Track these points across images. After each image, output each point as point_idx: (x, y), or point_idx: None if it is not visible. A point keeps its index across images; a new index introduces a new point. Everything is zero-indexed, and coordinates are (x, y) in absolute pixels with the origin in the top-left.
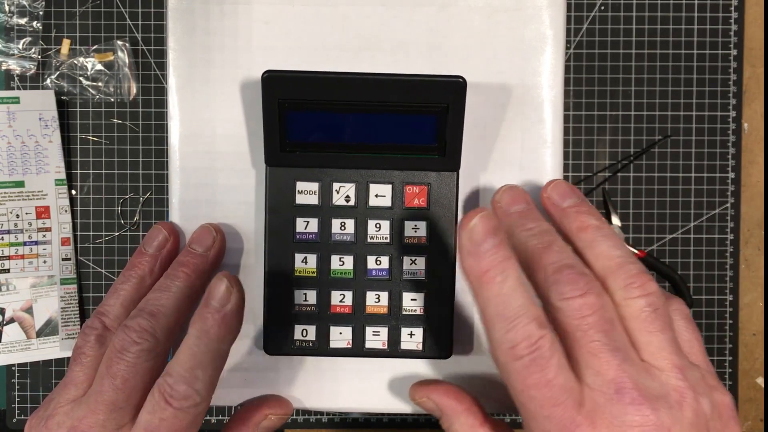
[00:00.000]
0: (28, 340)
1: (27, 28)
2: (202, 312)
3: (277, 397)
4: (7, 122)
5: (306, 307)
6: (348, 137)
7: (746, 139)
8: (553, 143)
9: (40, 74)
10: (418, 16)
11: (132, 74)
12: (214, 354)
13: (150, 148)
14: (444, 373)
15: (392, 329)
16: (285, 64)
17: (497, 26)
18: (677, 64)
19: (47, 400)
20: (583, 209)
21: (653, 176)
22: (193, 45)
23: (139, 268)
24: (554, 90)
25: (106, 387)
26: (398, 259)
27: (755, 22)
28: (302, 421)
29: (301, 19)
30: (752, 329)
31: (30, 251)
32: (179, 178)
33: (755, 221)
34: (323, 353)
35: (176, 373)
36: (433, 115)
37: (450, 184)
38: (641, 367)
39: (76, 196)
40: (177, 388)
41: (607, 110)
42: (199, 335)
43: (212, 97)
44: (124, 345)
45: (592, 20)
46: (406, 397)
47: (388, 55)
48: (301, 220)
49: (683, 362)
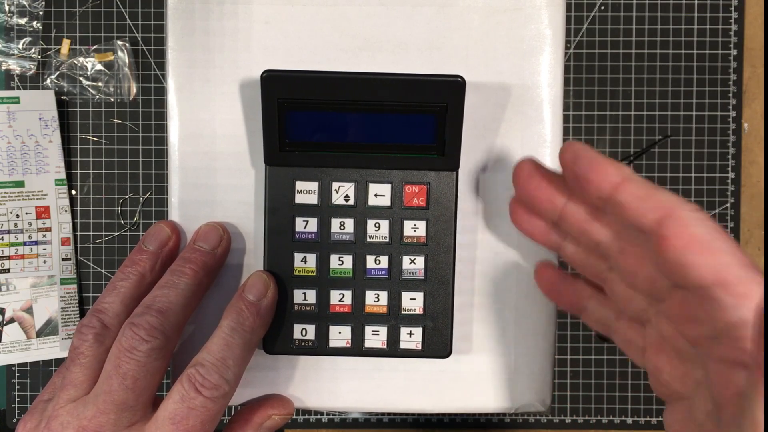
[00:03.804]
0: (28, 340)
1: (27, 28)
2: (237, 304)
3: (280, 397)
4: (7, 122)
5: (305, 307)
6: (347, 137)
7: (746, 139)
8: (552, 143)
9: (40, 74)
10: (417, 16)
11: (132, 74)
12: (247, 345)
13: (150, 148)
14: (443, 373)
15: (391, 328)
16: (285, 64)
17: (497, 26)
18: (677, 64)
19: (37, 402)
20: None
21: (653, 176)
22: (192, 45)
23: (140, 265)
24: (554, 90)
25: (115, 386)
26: (397, 258)
27: (755, 22)
28: (302, 421)
29: (301, 19)
30: None
31: (30, 251)
32: (179, 177)
33: (755, 221)
34: (323, 353)
35: (208, 362)
36: (432, 114)
37: (449, 183)
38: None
39: (76, 196)
40: (209, 378)
41: (607, 110)
42: (234, 326)
43: (212, 97)
44: (133, 343)
45: (592, 20)
46: (406, 397)
47: (388, 55)
48: (300, 220)
49: None
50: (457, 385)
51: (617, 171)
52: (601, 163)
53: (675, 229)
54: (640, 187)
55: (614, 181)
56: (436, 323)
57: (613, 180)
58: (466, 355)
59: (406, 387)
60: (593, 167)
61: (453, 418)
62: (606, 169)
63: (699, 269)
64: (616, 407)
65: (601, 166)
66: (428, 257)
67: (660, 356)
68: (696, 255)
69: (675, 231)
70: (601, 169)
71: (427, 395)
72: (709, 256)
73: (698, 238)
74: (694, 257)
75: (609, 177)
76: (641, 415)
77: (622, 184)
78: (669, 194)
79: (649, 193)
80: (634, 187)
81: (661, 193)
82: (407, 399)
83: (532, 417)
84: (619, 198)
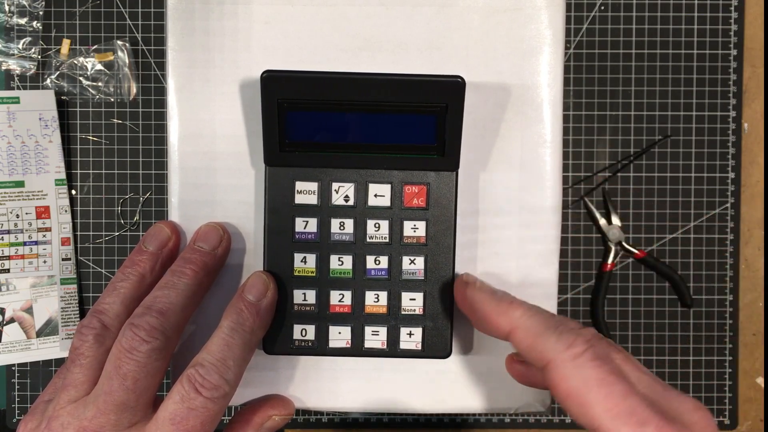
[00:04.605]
0: (28, 340)
1: (27, 28)
2: (237, 304)
3: (280, 397)
4: (7, 122)
5: (305, 307)
6: (347, 137)
7: (746, 139)
8: (552, 143)
9: (40, 74)
10: (417, 16)
11: (132, 74)
12: (246, 346)
13: (150, 148)
14: (443, 373)
15: (391, 329)
16: (284, 64)
17: (497, 26)
18: (677, 64)
19: (38, 402)
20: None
21: (653, 176)
22: (192, 45)
23: (140, 265)
24: (553, 90)
25: (116, 387)
26: (397, 258)
27: (755, 22)
28: (302, 421)
29: (300, 19)
30: (752, 329)
31: (30, 251)
32: (179, 178)
33: (755, 221)
34: (322, 353)
35: (208, 363)
36: (432, 114)
37: (449, 183)
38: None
39: (76, 196)
40: (209, 378)
41: (607, 110)
42: (234, 327)
43: (212, 97)
44: (133, 344)
45: (592, 20)
46: (406, 397)
47: (388, 55)
48: (300, 220)
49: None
50: (457, 385)
51: (508, 317)
52: (492, 309)
53: (554, 380)
54: (527, 335)
55: (507, 327)
56: (436, 323)
57: (506, 326)
58: (466, 355)
59: (406, 387)
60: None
61: (453, 418)
62: (498, 315)
63: (576, 416)
64: None
65: (493, 312)
66: (428, 257)
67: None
68: (572, 404)
69: (554, 382)
70: (494, 315)
71: (427, 395)
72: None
73: (572, 390)
74: (571, 406)
75: (501, 323)
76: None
77: (513, 331)
78: (552, 342)
79: (534, 342)
80: (522, 335)
81: (546, 341)
82: (407, 399)
83: (532, 417)
84: (513, 342)
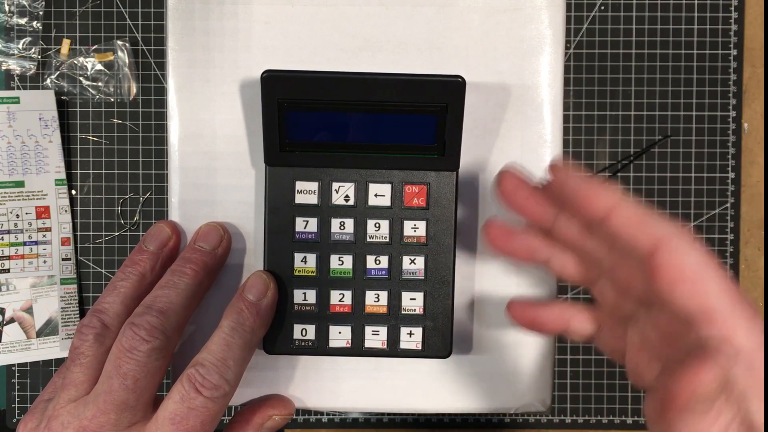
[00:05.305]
0: (28, 340)
1: (27, 28)
2: (237, 304)
3: (280, 397)
4: (7, 122)
5: (305, 307)
6: (347, 137)
7: (746, 139)
8: (552, 143)
9: (40, 74)
10: (417, 16)
11: (132, 74)
12: (247, 345)
13: (150, 148)
14: (443, 373)
15: (391, 329)
16: (285, 64)
17: (497, 26)
18: (677, 64)
19: (37, 402)
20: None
21: (653, 176)
22: (192, 45)
23: (140, 265)
24: (554, 90)
25: (116, 387)
26: (397, 258)
27: (755, 22)
28: (302, 421)
29: (301, 19)
30: None
31: (30, 251)
32: (179, 177)
33: (755, 221)
34: (323, 353)
35: (208, 362)
36: (432, 114)
37: (449, 183)
38: None
39: (76, 196)
40: (209, 378)
41: (607, 110)
42: (234, 326)
43: (212, 97)
44: (134, 344)
45: (592, 20)
46: (406, 397)
47: (388, 55)
48: (300, 220)
49: None
50: (457, 385)
51: (608, 196)
52: (591, 188)
53: (666, 260)
54: (633, 214)
55: (606, 206)
56: (436, 323)
57: (605, 206)
58: (466, 355)
59: (406, 387)
60: (584, 193)
61: (453, 418)
62: (597, 194)
63: (687, 301)
64: (616, 407)
65: (591, 192)
66: (428, 257)
67: (640, 355)
68: (685, 287)
69: (666, 262)
70: (592, 195)
71: (427, 395)
72: (697, 289)
73: (689, 271)
74: (683, 290)
75: (600, 203)
76: (641, 415)
77: (614, 210)
78: (662, 221)
79: (641, 220)
80: (626, 213)
81: (653, 220)
82: (407, 399)
83: (532, 417)
84: (611, 223)
